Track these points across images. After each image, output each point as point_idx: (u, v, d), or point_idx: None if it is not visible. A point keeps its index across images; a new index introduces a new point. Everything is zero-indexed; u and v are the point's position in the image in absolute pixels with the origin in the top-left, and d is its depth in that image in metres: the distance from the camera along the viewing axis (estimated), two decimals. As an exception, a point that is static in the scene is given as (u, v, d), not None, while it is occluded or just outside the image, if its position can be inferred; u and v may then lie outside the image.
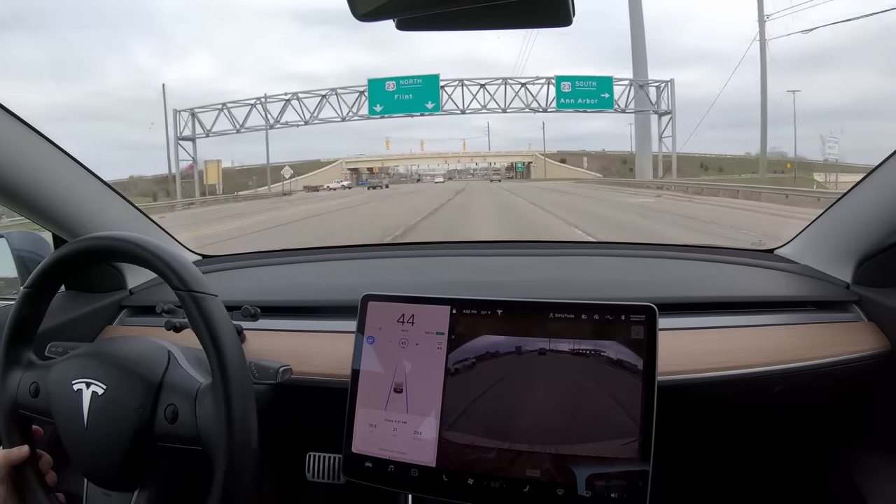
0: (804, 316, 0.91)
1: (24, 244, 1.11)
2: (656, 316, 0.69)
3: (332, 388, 0.82)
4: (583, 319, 0.71)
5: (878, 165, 0.86)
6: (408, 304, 0.77)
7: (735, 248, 1.21)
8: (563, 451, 0.68)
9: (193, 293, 0.64)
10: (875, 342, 0.85)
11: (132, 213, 1.11)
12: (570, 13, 0.47)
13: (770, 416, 0.95)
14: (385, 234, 8.38)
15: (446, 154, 51.94)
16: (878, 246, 0.87)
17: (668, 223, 9.24)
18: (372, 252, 1.39)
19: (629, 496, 0.65)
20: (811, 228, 1.06)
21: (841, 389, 0.87)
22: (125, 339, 0.77)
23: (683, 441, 0.92)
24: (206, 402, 0.64)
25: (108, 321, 1.05)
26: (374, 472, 0.74)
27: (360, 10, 0.46)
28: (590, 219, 10.18)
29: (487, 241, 1.85)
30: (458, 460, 0.71)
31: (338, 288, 1.10)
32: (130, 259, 0.68)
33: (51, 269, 0.70)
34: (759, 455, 1.03)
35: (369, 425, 0.75)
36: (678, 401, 0.75)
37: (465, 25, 0.52)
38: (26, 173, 0.86)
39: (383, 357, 0.76)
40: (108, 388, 0.66)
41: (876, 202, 0.88)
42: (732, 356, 0.81)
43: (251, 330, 0.89)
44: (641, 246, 1.30)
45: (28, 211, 0.91)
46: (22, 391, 0.70)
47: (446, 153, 51.88)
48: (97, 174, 1.00)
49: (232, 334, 0.65)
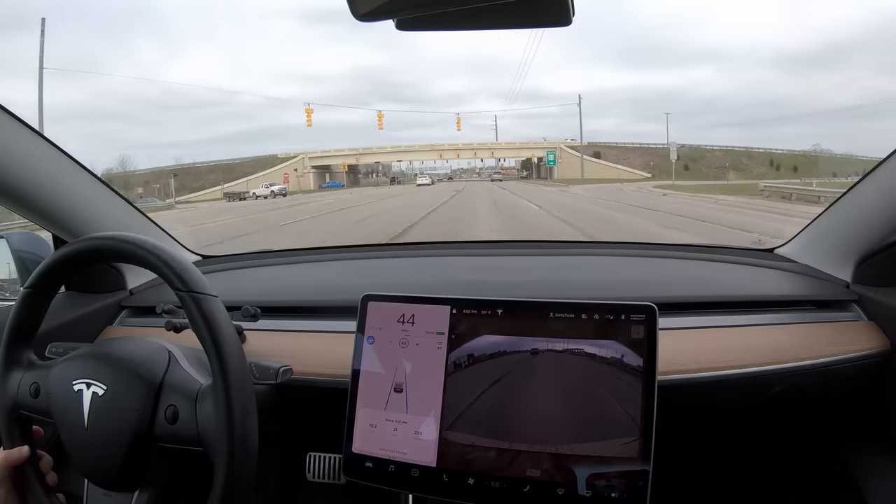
0: (804, 315, 0.91)
1: (25, 245, 1.11)
2: (656, 315, 0.69)
3: (332, 389, 0.82)
4: (583, 319, 0.71)
5: (878, 165, 0.86)
6: (408, 304, 0.77)
7: (735, 247, 1.21)
8: (563, 451, 0.68)
9: (194, 294, 0.64)
10: (875, 341, 0.85)
11: (132, 214, 1.11)
12: (569, 13, 0.47)
13: (770, 416, 0.95)
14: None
15: (440, 146, 39.89)
16: (877, 245, 0.88)
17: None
18: (372, 252, 1.39)
19: (629, 496, 0.65)
20: (811, 228, 1.06)
21: (841, 389, 0.87)
22: (125, 339, 0.77)
23: (683, 441, 0.92)
24: (207, 403, 0.64)
25: (109, 322, 1.05)
26: (375, 472, 0.74)
27: (359, 10, 0.46)
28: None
29: (487, 241, 1.85)
30: (459, 460, 0.71)
31: (338, 288, 1.10)
32: (130, 259, 0.68)
33: (51, 269, 0.70)
34: (759, 454, 1.03)
35: (369, 425, 0.75)
36: (678, 400, 0.75)
37: (465, 25, 0.52)
38: (26, 174, 0.86)
39: (383, 357, 0.76)
40: (108, 388, 0.66)
41: (876, 201, 0.88)
42: (732, 355, 0.81)
43: (251, 330, 0.89)
44: (641, 245, 1.30)
45: (28, 212, 0.91)
46: (22, 391, 0.70)
47: (440, 145, 40.03)
48: (97, 174, 1.01)
49: (232, 335, 0.65)
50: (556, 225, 9.42)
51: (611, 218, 10.55)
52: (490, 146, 41.64)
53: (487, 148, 41.36)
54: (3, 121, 0.81)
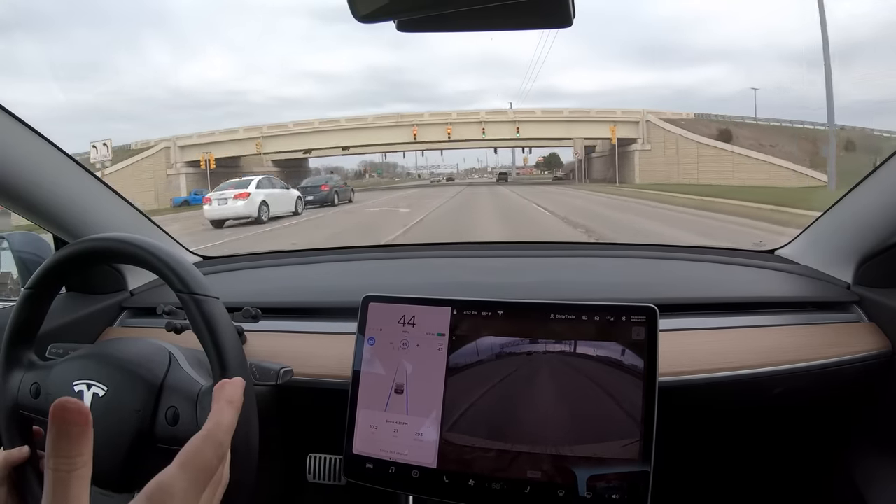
0: (805, 316, 0.91)
1: (25, 245, 1.12)
2: (657, 317, 0.69)
3: (332, 390, 0.82)
4: (583, 320, 0.71)
5: (879, 165, 0.86)
6: (408, 306, 0.77)
7: (735, 248, 1.21)
8: (563, 453, 0.68)
9: (195, 295, 0.64)
10: (876, 343, 0.85)
11: (133, 215, 1.11)
12: (570, 14, 0.47)
13: (771, 417, 0.95)
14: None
15: (414, 117, 22.14)
16: (878, 246, 0.87)
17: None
18: (372, 253, 1.39)
19: (630, 497, 0.65)
20: (812, 229, 1.06)
21: (842, 390, 0.87)
22: (126, 340, 0.77)
23: (684, 442, 0.91)
24: (207, 405, 0.64)
25: (109, 322, 1.05)
26: (375, 473, 0.74)
27: (360, 11, 0.47)
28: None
29: (488, 243, 1.85)
30: (459, 461, 0.71)
31: (338, 289, 1.10)
32: (131, 260, 0.68)
33: (52, 270, 0.70)
34: (761, 456, 1.03)
35: (370, 426, 0.75)
36: (678, 402, 0.75)
37: (466, 27, 0.52)
38: (27, 174, 0.86)
39: (384, 358, 0.76)
40: (108, 389, 0.66)
41: (877, 202, 0.88)
42: (733, 357, 0.81)
43: (252, 331, 0.89)
44: (642, 247, 1.30)
45: (29, 212, 0.92)
46: (23, 392, 0.70)
47: (416, 115, 22.59)
48: (97, 175, 1.01)
49: (233, 336, 0.65)
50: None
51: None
52: (512, 115, 22.23)
53: (501, 120, 21.82)
54: (3, 121, 0.81)
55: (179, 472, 0.36)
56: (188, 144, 21.25)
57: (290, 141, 22.34)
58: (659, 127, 20.73)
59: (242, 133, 22.16)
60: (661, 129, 20.70)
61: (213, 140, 21.76)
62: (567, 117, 22.07)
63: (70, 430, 0.32)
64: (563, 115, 22.48)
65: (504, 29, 0.54)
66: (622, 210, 11.14)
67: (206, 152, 20.37)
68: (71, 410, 0.31)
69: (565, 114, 22.60)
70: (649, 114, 20.88)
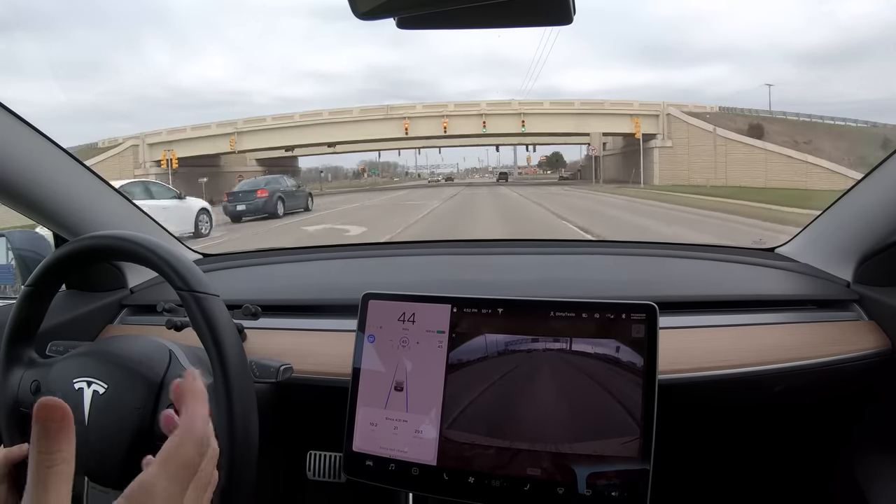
0: (805, 315, 0.91)
1: (25, 243, 1.12)
2: (657, 314, 0.69)
3: (332, 387, 0.82)
4: (583, 318, 0.71)
5: (880, 164, 0.86)
6: (408, 303, 0.77)
7: (735, 246, 1.21)
8: (563, 450, 0.68)
9: (195, 293, 0.64)
10: (876, 341, 0.85)
11: (133, 212, 1.11)
12: (570, 12, 0.47)
13: (771, 415, 0.95)
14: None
15: (404, 108, 20.13)
16: (879, 244, 0.87)
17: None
18: (373, 251, 1.39)
19: (630, 495, 0.65)
20: (812, 227, 1.06)
21: (842, 388, 0.87)
22: (126, 338, 0.77)
23: (684, 440, 0.92)
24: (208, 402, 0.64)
25: (109, 320, 1.05)
26: (375, 470, 0.74)
27: (360, 8, 0.46)
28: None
29: (488, 240, 1.84)
30: (459, 458, 0.71)
31: (338, 286, 1.10)
32: (131, 258, 0.68)
33: (52, 267, 0.70)
34: (761, 454, 1.03)
35: (370, 424, 0.75)
36: (678, 400, 0.75)
37: (466, 24, 0.52)
38: (27, 172, 0.86)
39: (384, 355, 0.76)
40: (109, 387, 0.66)
41: (877, 200, 0.88)
42: (732, 355, 0.81)
43: (252, 329, 0.89)
44: (642, 245, 1.29)
45: (29, 210, 0.91)
46: (23, 389, 0.70)
47: (406, 107, 20.51)
48: (97, 173, 1.01)
49: (233, 334, 0.65)
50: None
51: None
52: (517, 107, 19.73)
53: (505, 113, 19.25)
54: (3, 119, 0.81)
55: (159, 471, 0.36)
56: (157, 142, 19.31)
57: (270, 137, 20.18)
58: (681, 121, 17.95)
59: (215, 129, 19.81)
60: (684, 123, 17.88)
61: (183, 137, 19.54)
62: (578, 109, 19.57)
63: (49, 426, 0.32)
64: (573, 107, 19.79)
65: (504, 26, 0.54)
66: (661, 219, 8.43)
67: (169, 149, 18.40)
68: (50, 407, 0.31)
69: (576, 105, 19.83)
70: (670, 106, 18.11)
